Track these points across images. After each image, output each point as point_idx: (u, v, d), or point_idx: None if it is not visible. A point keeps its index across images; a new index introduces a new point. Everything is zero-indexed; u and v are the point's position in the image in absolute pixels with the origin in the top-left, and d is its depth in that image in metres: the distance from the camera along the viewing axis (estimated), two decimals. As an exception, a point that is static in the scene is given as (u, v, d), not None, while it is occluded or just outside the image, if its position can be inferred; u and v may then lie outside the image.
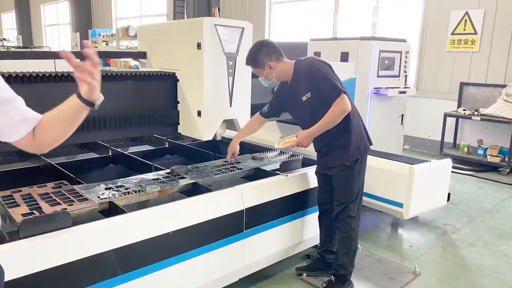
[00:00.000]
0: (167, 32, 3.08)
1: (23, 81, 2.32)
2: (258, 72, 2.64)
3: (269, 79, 2.63)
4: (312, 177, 2.90)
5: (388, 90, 5.25)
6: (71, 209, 2.00)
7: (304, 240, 2.97)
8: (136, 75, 2.80)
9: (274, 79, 2.64)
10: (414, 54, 6.51)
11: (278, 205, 2.71)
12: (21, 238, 1.75)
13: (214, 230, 2.36)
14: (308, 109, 2.56)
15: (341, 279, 2.70)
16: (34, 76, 2.35)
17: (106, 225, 1.96)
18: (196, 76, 2.82)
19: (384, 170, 3.48)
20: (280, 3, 9.26)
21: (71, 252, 1.81)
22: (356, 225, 2.67)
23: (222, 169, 2.89)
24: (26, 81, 2.33)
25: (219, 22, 2.80)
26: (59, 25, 17.49)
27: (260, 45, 2.59)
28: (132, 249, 1.99)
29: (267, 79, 2.63)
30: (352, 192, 2.60)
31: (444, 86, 6.73)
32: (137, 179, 2.57)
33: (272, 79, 2.63)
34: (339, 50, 5.39)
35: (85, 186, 2.40)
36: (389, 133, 5.48)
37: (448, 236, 3.73)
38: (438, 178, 3.75)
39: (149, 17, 12.88)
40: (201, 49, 2.73)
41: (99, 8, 14.80)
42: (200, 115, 2.88)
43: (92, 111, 2.57)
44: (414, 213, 3.55)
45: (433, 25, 6.71)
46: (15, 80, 2.26)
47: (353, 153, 2.56)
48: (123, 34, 10.75)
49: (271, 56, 2.56)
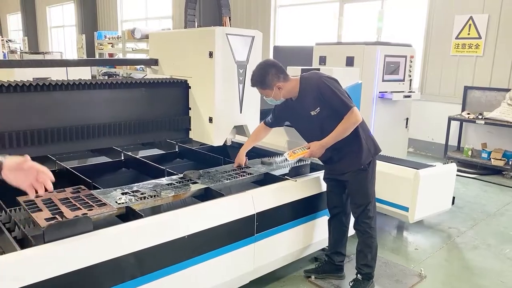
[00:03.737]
0: (179, 40, 3.16)
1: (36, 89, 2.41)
2: (265, 93, 2.69)
3: (277, 98, 2.70)
4: (320, 182, 2.98)
5: (393, 94, 5.33)
6: (91, 214, 2.08)
7: (312, 243, 3.04)
8: (149, 82, 2.89)
9: (282, 98, 2.72)
10: (418, 58, 6.58)
11: (288, 209, 2.78)
12: (46, 242, 1.84)
13: (227, 233, 2.44)
14: (317, 123, 2.65)
15: (367, 277, 2.80)
16: (53, 84, 2.43)
17: (126, 230, 2.04)
18: (207, 83, 2.90)
19: (390, 175, 3.55)
20: (285, 7, 9.35)
21: (92, 255, 1.89)
22: (375, 224, 2.78)
23: (233, 174, 2.97)
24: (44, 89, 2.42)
25: (230, 32, 2.88)
26: (65, 27, 17.62)
27: (267, 67, 2.63)
28: (150, 252, 2.07)
29: (275, 98, 2.69)
30: (369, 194, 2.71)
31: (448, 90, 6.79)
32: (152, 184, 2.65)
33: (280, 98, 2.70)
34: (345, 55, 5.47)
35: (102, 191, 2.48)
36: (394, 136, 5.56)
37: (452, 240, 3.80)
38: (443, 182, 3.81)
39: (154, 20, 12.98)
40: (213, 58, 2.82)
41: (104, 10, 14.91)
42: (211, 121, 2.97)
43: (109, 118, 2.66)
44: (419, 217, 3.62)
45: (437, 29, 6.77)
46: (35, 89, 2.36)
47: (366, 156, 2.67)
48: (128, 36, 10.86)
49: (279, 77, 2.62)
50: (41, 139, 2.42)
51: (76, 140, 2.61)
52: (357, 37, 7.77)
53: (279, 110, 2.91)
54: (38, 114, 2.43)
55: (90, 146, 2.80)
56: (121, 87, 2.76)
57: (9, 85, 2.26)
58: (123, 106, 2.79)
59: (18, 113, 2.37)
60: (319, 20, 8.85)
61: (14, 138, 2.31)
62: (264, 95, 2.73)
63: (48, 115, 2.49)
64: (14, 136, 2.29)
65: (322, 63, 5.72)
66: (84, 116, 2.63)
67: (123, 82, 2.75)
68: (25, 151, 2.42)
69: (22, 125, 2.34)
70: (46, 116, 2.46)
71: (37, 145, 2.44)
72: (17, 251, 1.78)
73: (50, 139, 2.45)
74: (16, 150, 2.34)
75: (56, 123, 2.50)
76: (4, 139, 2.25)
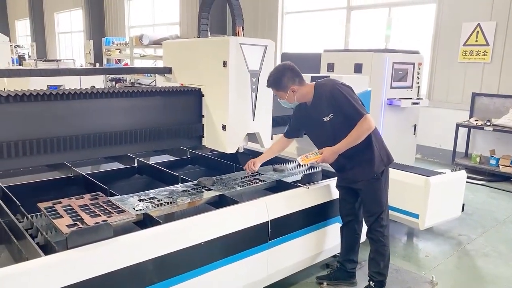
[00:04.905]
0: (193, 49, 3.21)
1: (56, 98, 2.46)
2: (280, 95, 2.76)
3: (291, 101, 2.75)
4: (332, 189, 3.02)
5: (401, 101, 5.36)
6: (110, 220, 2.13)
7: (324, 250, 3.07)
8: (164, 91, 2.94)
9: (295, 101, 2.77)
10: (426, 65, 6.61)
11: (301, 216, 2.82)
12: (68, 248, 1.89)
13: (242, 240, 2.48)
14: (329, 129, 2.69)
15: (379, 284, 2.83)
16: (72, 93, 2.49)
17: (145, 236, 2.09)
18: (221, 92, 2.94)
19: (401, 182, 3.58)
20: (292, 14, 9.42)
21: (113, 262, 1.94)
22: (388, 232, 2.80)
23: (246, 181, 3.01)
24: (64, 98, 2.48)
25: (244, 41, 2.92)
26: (73, 33, 17.80)
27: (284, 69, 2.70)
28: (168, 258, 2.11)
29: (289, 101, 2.75)
30: (382, 203, 2.74)
31: (456, 96, 6.81)
32: (168, 191, 2.70)
33: (294, 101, 2.75)
34: (353, 62, 5.52)
35: (119, 198, 2.53)
36: (402, 143, 5.58)
37: (463, 247, 3.81)
38: (453, 189, 3.83)
39: (162, 26, 13.10)
40: (226, 67, 2.86)
41: (112, 16, 15.07)
42: (224, 129, 3.00)
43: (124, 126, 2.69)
44: (429, 224, 3.64)
45: (445, 36, 6.80)
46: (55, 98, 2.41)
47: (379, 165, 2.69)
48: (136, 42, 10.98)
49: (294, 80, 2.68)
50: (60, 146, 2.46)
51: (93, 147, 2.64)
52: (364, 44, 7.82)
53: (294, 118, 2.97)
54: (55, 122, 2.48)
55: (106, 153, 2.84)
56: (137, 95, 2.81)
57: (30, 94, 2.32)
58: (139, 114, 2.84)
59: (36, 122, 2.42)
60: (326, 27, 8.91)
61: (35, 145, 2.35)
62: (279, 97, 2.79)
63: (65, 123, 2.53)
64: (34, 143, 2.34)
65: (330, 70, 5.77)
66: (100, 124, 2.67)
67: (139, 91, 2.80)
68: (43, 158, 2.49)
69: (41, 133, 2.39)
70: (63, 124, 2.51)
71: (56, 153, 2.48)
72: (41, 257, 1.83)
73: (68, 147, 2.49)
74: (34, 157, 2.39)
75: (73, 131, 2.54)
76: (25, 147, 2.30)
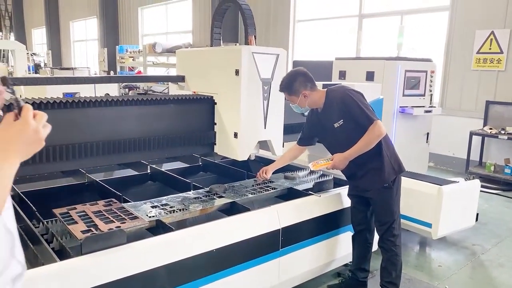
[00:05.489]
0: (206, 58, 3.26)
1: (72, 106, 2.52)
2: (291, 99, 2.80)
3: (302, 106, 2.79)
4: (344, 198, 3.01)
5: (414, 109, 5.33)
6: (124, 226, 2.16)
7: (336, 258, 3.06)
8: (177, 99, 2.98)
9: (306, 106, 2.79)
10: (439, 72, 6.57)
11: (312, 224, 2.82)
12: (83, 254, 1.92)
13: (253, 248, 2.48)
14: (340, 135, 2.69)
15: None
16: (87, 101, 2.54)
17: (158, 243, 2.11)
18: (233, 100, 2.97)
19: (413, 190, 3.55)
20: (304, 22, 9.46)
21: (127, 267, 1.96)
22: (400, 242, 2.78)
23: (257, 188, 3.02)
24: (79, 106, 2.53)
25: (256, 50, 2.95)
26: (87, 41, 18.13)
27: (296, 74, 2.75)
28: (180, 265, 2.13)
29: (300, 106, 2.79)
30: (393, 212, 2.72)
31: (470, 104, 6.75)
32: (180, 198, 2.73)
33: (305, 106, 2.78)
34: (365, 69, 5.51)
35: (132, 204, 2.56)
36: (415, 151, 5.53)
37: (477, 257, 3.75)
38: (467, 198, 3.79)
39: (175, 34, 13.26)
40: (239, 75, 2.89)
41: (126, 24, 15.32)
42: (236, 137, 3.03)
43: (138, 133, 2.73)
44: (442, 233, 3.60)
45: (458, 44, 6.76)
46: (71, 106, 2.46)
47: (389, 174, 2.68)
48: (149, 50, 11.13)
49: (306, 85, 2.72)
50: (75, 153, 2.51)
51: (107, 154, 2.69)
52: (376, 52, 7.81)
53: (307, 126, 2.99)
54: (71, 129, 2.53)
55: (119, 160, 2.89)
56: (150, 103, 2.85)
57: (47, 102, 2.37)
58: (152, 122, 2.88)
59: (52, 129, 2.47)
60: (337, 35, 8.93)
61: (50, 152, 2.40)
62: (290, 102, 2.83)
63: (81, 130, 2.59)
64: (50, 150, 2.39)
65: (342, 77, 5.77)
66: (114, 131, 2.72)
67: (153, 98, 2.85)
68: (59, 165, 2.54)
69: (57, 140, 2.44)
70: (78, 131, 2.56)
71: (71, 159, 2.53)
72: (56, 262, 1.86)
73: (83, 154, 2.54)
74: (50, 164, 2.44)
75: (88, 138, 2.59)
76: (41, 153, 2.35)
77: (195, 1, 11.92)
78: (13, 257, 1.13)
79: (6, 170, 0.97)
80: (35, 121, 0.98)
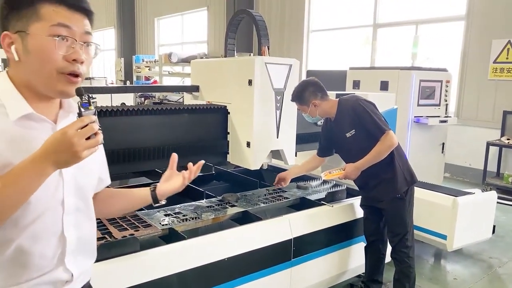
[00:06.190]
0: (220, 68, 3.30)
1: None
2: (302, 109, 2.84)
3: (313, 115, 2.82)
4: (356, 208, 3.00)
5: (429, 119, 5.28)
6: (137, 234, 2.20)
7: (349, 269, 3.03)
8: (191, 108, 3.03)
9: (318, 116, 2.81)
10: (454, 82, 6.50)
11: (324, 234, 2.80)
12: (97, 261, 1.94)
13: (265, 257, 2.49)
14: (352, 145, 2.70)
15: None
16: (103, 111, 2.60)
17: (171, 251, 2.13)
18: (246, 109, 3.00)
19: (428, 202, 3.51)
20: (318, 32, 9.49)
21: (139, 275, 1.99)
22: (413, 253, 2.75)
23: (269, 197, 3.03)
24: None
25: (269, 60, 2.98)
26: (104, 51, 18.47)
27: (307, 84, 2.79)
28: (192, 273, 2.15)
29: (311, 115, 2.82)
30: (406, 223, 2.70)
31: (486, 114, 6.65)
32: (193, 206, 2.76)
33: (316, 115, 2.81)
34: (379, 79, 5.49)
35: (146, 212, 2.59)
36: (430, 161, 5.47)
37: (494, 270, 3.67)
38: (483, 210, 3.72)
39: (190, 44, 13.45)
40: (252, 85, 2.92)
41: (143, 35, 15.60)
42: (249, 146, 3.05)
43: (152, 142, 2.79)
44: (458, 245, 3.54)
45: (474, 53, 6.69)
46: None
47: (402, 184, 2.67)
48: (165, 60, 11.29)
49: (316, 94, 2.75)
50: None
51: (122, 162, 2.74)
52: (390, 61, 7.78)
53: (322, 137, 3.02)
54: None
55: (135, 168, 2.94)
56: (166, 113, 2.91)
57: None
58: (167, 131, 2.93)
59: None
60: (351, 44, 8.93)
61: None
62: (302, 111, 2.86)
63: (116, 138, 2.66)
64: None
65: (356, 87, 5.76)
66: (129, 140, 2.77)
67: (168, 108, 2.90)
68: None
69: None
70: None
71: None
72: (71, 268, 1.89)
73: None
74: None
75: (105, 146, 2.65)
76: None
77: (210, 12, 12.09)
78: (61, 263, 1.18)
79: (29, 170, 1.00)
80: (76, 133, 0.98)
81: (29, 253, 1.10)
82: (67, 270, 1.19)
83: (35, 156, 1.00)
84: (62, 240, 1.17)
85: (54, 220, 1.14)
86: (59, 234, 1.16)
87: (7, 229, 1.06)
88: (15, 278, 1.10)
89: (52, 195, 1.13)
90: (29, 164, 1.00)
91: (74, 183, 1.19)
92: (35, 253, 1.11)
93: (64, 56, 1.10)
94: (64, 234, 1.17)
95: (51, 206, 1.13)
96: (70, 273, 1.20)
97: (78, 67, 1.12)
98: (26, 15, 1.08)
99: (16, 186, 0.99)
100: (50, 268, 1.15)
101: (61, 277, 1.18)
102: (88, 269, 1.35)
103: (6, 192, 0.98)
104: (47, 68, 1.09)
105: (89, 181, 1.28)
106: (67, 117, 1.19)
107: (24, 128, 1.09)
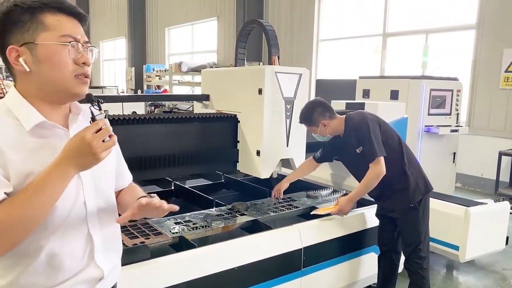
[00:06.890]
0: (230, 77, 3.33)
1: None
2: (312, 130, 2.85)
3: (324, 135, 2.83)
4: (368, 217, 2.97)
5: (440, 128, 5.24)
6: (148, 242, 2.20)
7: (360, 279, 3.00)
8: (201, 117, 3.05)
9: (328, 135, 2.82)
10: (465, 91, 6.46)
11: (335, 244, 2.79)
12: (108, 268, 1.96)
13: (275, 266, 2.48)
14: (363, 160, 2.70)
15: None
16: (115, 119, 2.63)
17: (181, 259, 2.13)
18: (256, 118, 3.01)
19: (439, 212, 3.46)
20: (327, 41, 9.52)
21: (149, 282, 1.99)
22: (427, 264, 2.72)
23: (279, 206, 3.03)
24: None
25: (279, 70, 3.00)
26: (115, 60, 18.73)
27: (314, 105, 2.80)
28: (202, 282, 2.14)
29: (322, 135, 2.84)
30: (420, 233, 2.68)
31: (498, 123, 6.58)
32: (203, 215, 2.76)
33: (326, 135, 2.82)
34: (389, 88, 5.48)
35: (156, 220, 2.60)
36: (441, 171, 5.41)
37: (507, 282, 3.61)
38: (496, 221, 3.66)
39: (200, 53, 13.56)
40: (262, 94, 2.94)
41: (153, 44, 15.78)
42: (259, 155, 3.06)
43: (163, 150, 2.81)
44: (470, 257, 3.48)
45: (485, 63, 6.65)
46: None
47: (415, 194, 2.65)
48: (175, 69, 11.39)
49: (324, 114, 2.76)
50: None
51: (133, 170, 2.76)
52: (400, 70, 7.76)
53: (328, 146, 3.00)
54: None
55: (146, 176, 2.96)
56: (176, 121, 2.93)
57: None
58: (177, 139, 2.95)
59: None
60: (361, 53, 8.93)
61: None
62: (312, 132, 2.86)
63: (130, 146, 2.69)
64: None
65: (365, 96, 5.75)
66: (140, 148, 2.80)
67: (178, 117, 2.93)
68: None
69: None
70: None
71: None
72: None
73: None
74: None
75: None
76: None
77: (220, 22, 12.21)
78: (91, 261, 1.24)
79: (54, 176, 1.06)
80: (94, 136, 1.06)
81: (60, 255, 1.16)
82: (98, 267, 1.25)
83: (58, 162, 1.07)
84: (89, 239, 1.23)
85: (79, 221, 1.21)
86: (86, 233, 1.23)
87: (38, 235, 1.12)
88: (53, 280, 1.16)
89: (75, 198, 1.19)
90: (53, 169, 1.06)
91: (93, 183, 1.25)
92: (66, 254, 1.17)
93: (73, 60, 1.18)
94: (90, 233, 1.23)
95: (74, 208, 1.19)
96: (101, 270, 1.26)
97: (87, 69, 1.22)
98: (31, 27, 1.14)
99: (45, 192, 1.06)
100: (82, 267, 1.21)
101: (93, 275, 1.25)
102: (117, 266, 1.41)
103: (37, 199, 1.05)
104: (63, 72, 1.16)
105: (106, 179, 1.34)
106: (76, 119, 1.26)
107: (38, 137, 1.15)
